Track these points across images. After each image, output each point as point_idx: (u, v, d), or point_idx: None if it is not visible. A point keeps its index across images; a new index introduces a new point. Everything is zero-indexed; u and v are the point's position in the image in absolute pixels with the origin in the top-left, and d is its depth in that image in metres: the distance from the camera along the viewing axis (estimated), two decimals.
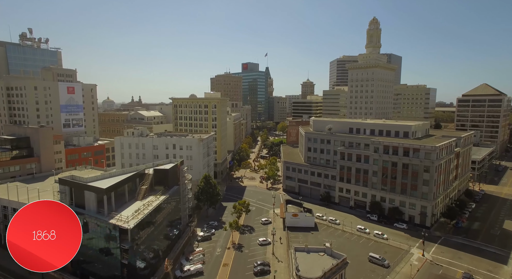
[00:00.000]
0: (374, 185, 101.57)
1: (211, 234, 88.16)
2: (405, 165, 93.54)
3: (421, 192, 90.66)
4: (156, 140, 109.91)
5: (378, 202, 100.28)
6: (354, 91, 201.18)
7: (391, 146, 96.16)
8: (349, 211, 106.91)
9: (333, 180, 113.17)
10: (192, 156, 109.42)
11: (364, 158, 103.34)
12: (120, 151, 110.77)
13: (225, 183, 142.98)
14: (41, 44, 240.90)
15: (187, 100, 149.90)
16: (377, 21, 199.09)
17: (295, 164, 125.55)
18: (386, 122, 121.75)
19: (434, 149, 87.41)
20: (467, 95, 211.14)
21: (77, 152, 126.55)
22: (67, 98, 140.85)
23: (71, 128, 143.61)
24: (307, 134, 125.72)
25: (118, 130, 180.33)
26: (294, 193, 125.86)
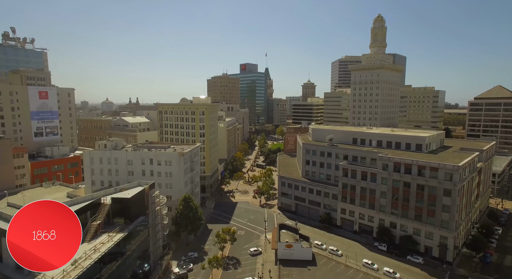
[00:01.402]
0: (382, 207, 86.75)
1: (188, 270, 73.71)
2: (420, 186, 78.61)
3: (440, 219, 75.62)
4: (130, 154, 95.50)
5: (387, 228, 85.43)
6: (357, 94, 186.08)
7: (403, 163, 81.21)
8: (353, 237, 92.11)
9: (334, 200, 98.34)
10: (171, 172, 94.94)
11: (371, 176, 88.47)
12: (90, 166, 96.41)
13: (214, 198, 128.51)
14: (26, 44, 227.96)
15: (173, 106, 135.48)
16: (382, 18, 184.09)
17: (291, 179, 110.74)
18: (395, 132, 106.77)
19: (456, 168, 72.35)
20: (480, 98, 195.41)
21: (47, 165, 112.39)
22: (39, 104, 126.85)
23: (44, 137, 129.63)
24: (305, 146, 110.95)
25: (101, 138, 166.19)
26: (290, 212, 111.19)
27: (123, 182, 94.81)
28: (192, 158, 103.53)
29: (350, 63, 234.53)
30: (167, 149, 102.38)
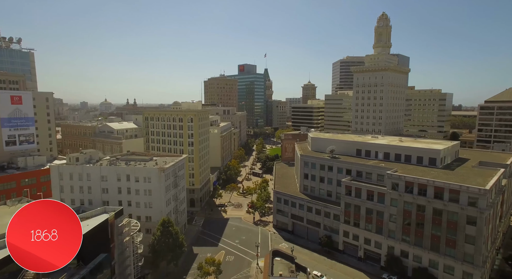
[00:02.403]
0: (391, 233, 75.06)
1: None
2: (437, 210, 66.87)
3: (462, 252, 63.85)
4: (105, 169, 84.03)
5: (397, 257, 73.74)
6: (360, 98, 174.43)
7: (417, 182, 69.51)
8: (358, 265, 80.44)
9: (336, 221, 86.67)
10: (151, 190, 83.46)
11: (378, 196, 76.79)
12: (59, 182, 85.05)
13: (204, 213, 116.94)
14: (12, 44, 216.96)
15: (159, 113, 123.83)
16: (387, 17, 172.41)
17: (288, 195, 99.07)
18: (404, 143, 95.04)
19: (483, 193, 60.54)
20: (491, 102, 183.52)
21: (14, 179, 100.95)
22: (11, 109, 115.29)
23: (17, 146, 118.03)
24: (304, 158, 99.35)
25: (85, 145, 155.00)
26: (287, 231, 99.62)
27: (97, 201, 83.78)
28: (176, 172, 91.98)
29: (352, 64, 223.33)
30: (148, 162, 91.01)
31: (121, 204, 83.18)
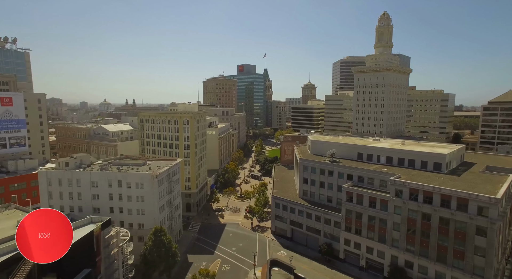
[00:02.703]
0: (395, 242, 71.46)
1: None
2: (444, 219, 63.27)
3: (471, 264, 60.21)
4: (95, 174, 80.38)
5: (401, 268, 70.12)
6: (361, 99, 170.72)
7: (422, 190, 65.91)
8: (360, 274, 76.84)
9: (336, 228, 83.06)
10: (143, 197, 79.85)
11: (381, 203, 73.19)
12: (47, 189, 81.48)
13: (200, 218, 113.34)
14: (7, 44, 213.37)
15: (154, 115, 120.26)
16: (388, 16, 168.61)
17: (286, 201, 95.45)
18: (407, 147, 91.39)
19: (494, 202, 56.91)
20: (495, 103, 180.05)
21: (3, 184, 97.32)
22: (1, 111, 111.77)
23: (8, 149, 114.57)
24: (303, 162, 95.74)
25: (80, 148, 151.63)
26: (286, 238, 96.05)
27: (87, 207, 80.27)
28: (170, 177, 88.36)
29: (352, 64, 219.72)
30: (141, 167, 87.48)
31: (113, 211, 79.98)
